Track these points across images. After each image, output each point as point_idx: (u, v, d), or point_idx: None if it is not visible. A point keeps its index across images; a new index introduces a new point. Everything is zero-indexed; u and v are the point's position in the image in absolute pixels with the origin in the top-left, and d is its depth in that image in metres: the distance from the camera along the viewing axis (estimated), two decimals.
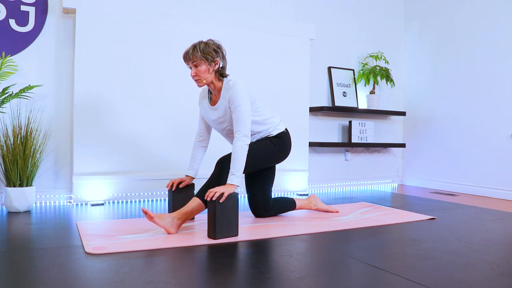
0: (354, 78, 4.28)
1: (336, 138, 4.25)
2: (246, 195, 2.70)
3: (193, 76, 2.24)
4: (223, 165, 2.24)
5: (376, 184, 4.44)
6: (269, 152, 2.43)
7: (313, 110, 3.98)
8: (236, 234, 2.08)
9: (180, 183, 2.44)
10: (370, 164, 4.44)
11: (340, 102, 4.14)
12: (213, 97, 2.38)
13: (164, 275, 1.52)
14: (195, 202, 2.18)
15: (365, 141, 4.17)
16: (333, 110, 4.01)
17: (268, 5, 3.80)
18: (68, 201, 3.09)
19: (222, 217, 2.02)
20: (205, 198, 2.03)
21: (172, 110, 3.30)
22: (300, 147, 3.79)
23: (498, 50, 3.72)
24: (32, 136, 2.80)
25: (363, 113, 4.19)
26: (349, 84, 4.25)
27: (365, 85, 4.30)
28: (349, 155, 4.29)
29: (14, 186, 2.70)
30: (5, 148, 2.71)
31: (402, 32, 4.65)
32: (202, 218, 2.40)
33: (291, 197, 2.81)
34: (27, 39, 2.98)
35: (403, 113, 4.43)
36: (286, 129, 2.55)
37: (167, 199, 3.01)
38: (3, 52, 2.88)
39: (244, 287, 1.42)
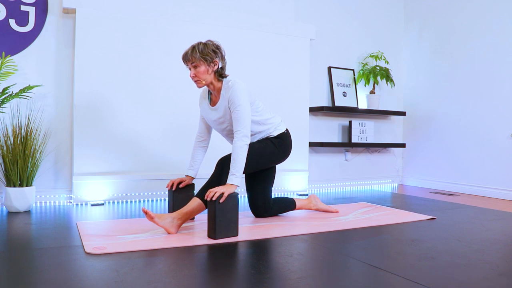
0: (354, 78, 4.28)
1: (336, 138, 4.25)
2: (246, 195, 2.70)
3: (192, 77, 2.25)
4: (224, 165, 2.24)
5: (376, 184, 4.44)
6: (269, 152, 2.43)
7: (313, 110, 3.98)
8: (236, 234, 2.08)
9: (180, 183, 2.44)
10: (370, 164, 4.44)
11: (340, 102, 4.14)
12: (213, 97, 2.38)
13: (164, 275, 1.52)
14: (195, 202, 2.18)
15: (365, 141, 4.17)
16: (333, 110, 4.01)
17: (268, 5, 3.80)
18: (68, 201, 3.09)
19: (222, 217, 2.02)
20: (205, 198, 2.03)
21: (172, 110, 3.30)
22: (300, 147, 3.78)
23: (498, 50, 3.72)
24: (32, 136, 2.80)
25: (363, 113, 4.19)
26: (349, 84, 4.25)
27: (365, 85, 4.30)
28: (349, 155, 4.29)
29: (14, 186, 2.70)
30: (5, 148, 2.71)
31: (402, 32, 4.65)
32: (202, 218, 2.40)
33: (291, 197, 2.81)
34: (27, 39, 2.98)
35: (403, 113, 4.43)
36: (286, 129, 2.55)
37: (167, 199, 3.01)
38: (3, 52, 2.88)
39: (244, 287, 1.42)
